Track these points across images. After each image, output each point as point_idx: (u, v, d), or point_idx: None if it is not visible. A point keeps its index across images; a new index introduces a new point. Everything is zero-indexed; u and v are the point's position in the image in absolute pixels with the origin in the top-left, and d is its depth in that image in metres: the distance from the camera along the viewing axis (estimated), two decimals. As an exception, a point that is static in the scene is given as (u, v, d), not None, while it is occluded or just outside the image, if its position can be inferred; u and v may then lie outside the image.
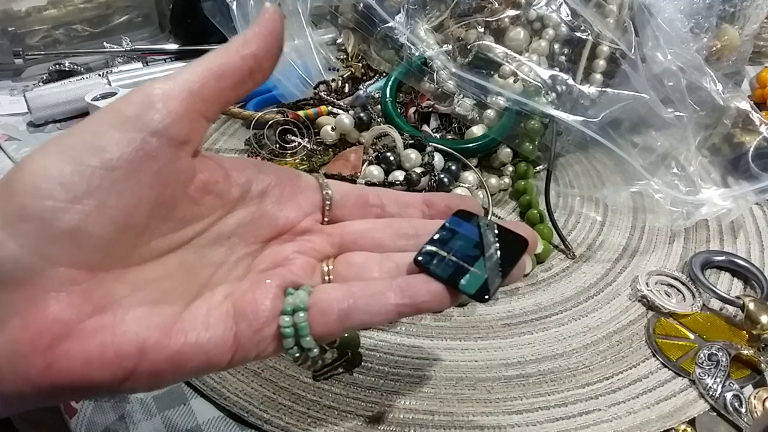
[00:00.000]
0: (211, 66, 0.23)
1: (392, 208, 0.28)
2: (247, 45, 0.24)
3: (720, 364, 0.35)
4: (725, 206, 0.45)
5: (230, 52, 0.24)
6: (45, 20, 0.70)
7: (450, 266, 0.24)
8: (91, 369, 0.20)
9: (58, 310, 0.20)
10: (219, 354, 0.22)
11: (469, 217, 0.26)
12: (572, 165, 0.54)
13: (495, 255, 0.24)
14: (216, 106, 0.24)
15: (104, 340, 0.20)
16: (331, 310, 0.23)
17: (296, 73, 0.59)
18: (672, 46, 0.47)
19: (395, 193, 0.29)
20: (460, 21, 0.53)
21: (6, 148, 0.58)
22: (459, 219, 0.26)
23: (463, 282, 0.23)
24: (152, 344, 0.21)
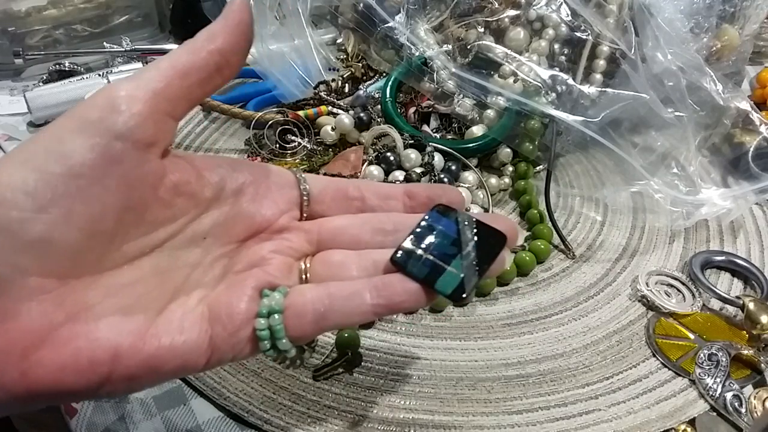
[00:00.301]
0: (175, 64, 0.23)
1: (373, 200, 0.27)
2: (212, 39, 0.23)
3: (720, 364, 0.35)
4: (725, 206, 0.45)
5: (196, 47, 0.23)
6: (45, 20, 0.70)
7: (426, 265, 0.24)
8: (65, 376, 0.20)
9: (30, 319, 0.20)
10: (194, 357, 0.22)
11: (448, 211, 0.26)
12: (572, 165, 0.54)
13: (472, 253, 0.24)
14: (183, 104, 0.23)
15: (78, 347, 0.20)
16: (307, 312, 0.23)
17: (296, 73, 0.59)
18: (672, 46, 0.47)
19: (376, 185, 0.28)
20: (460, 21, 0.53)
21: (6, 148, 0.58)
22: (438, 214, 0.26)
23: (439, 282, 0.23)
24: (126, 350, 0.21)
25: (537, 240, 0.45)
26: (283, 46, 0.60)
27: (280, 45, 0.59)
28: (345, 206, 0.28)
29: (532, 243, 0.45)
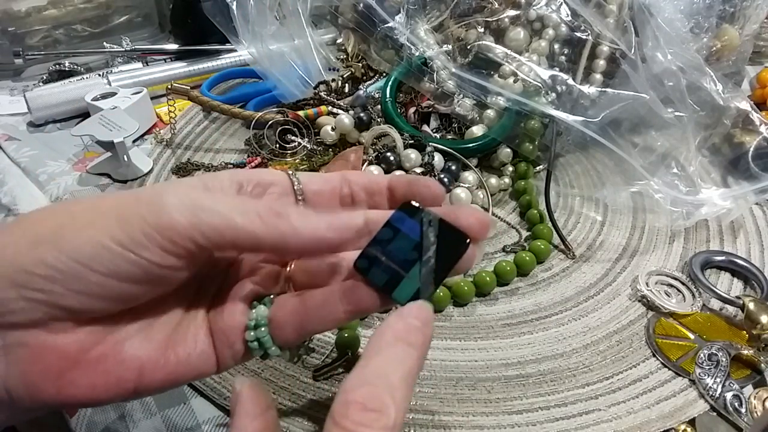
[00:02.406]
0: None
1: (361, 196, 0.28)
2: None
3: (720, 364, 0.35)
4: (725, 206, 0.45)
5: None
6: (45, 20, 0.70)
7: (386, 273, 0.24)
8: (96, 393, 0.23)
9: (64, 345, 0.22)
10: (207, 366, 0.25)
11: (414, 211, 0.25)
12: (572, 165, 0.54)
13: (431, 259, 0.24)
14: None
15: (106, 368, 0.23)
16: (288, 322, 0.25)
17: (296, 73, 0.59)
18: (672, 46, 0.47)
19: (363, 179, 0.28)
20: (460, 21, 0.53)
21: (6, 148, 0.58)
22: (403, 214, 0.25)
23: (396, 291, 0.24)
24: (149, 366, 0.24)
25: (537, 240, 0.45)
26: (283, 46, 0.60)
27: (280, 45, 0.59)
28: (337, 204, 0.28)
29: (532, 243, 0.45)
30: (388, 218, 0.25)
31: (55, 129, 0.61)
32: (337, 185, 0.28)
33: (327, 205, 0.28)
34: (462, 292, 0.41)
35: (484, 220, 0.25)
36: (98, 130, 0.52)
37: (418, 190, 0.27)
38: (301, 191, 0.27)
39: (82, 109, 0.61)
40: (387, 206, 0.28)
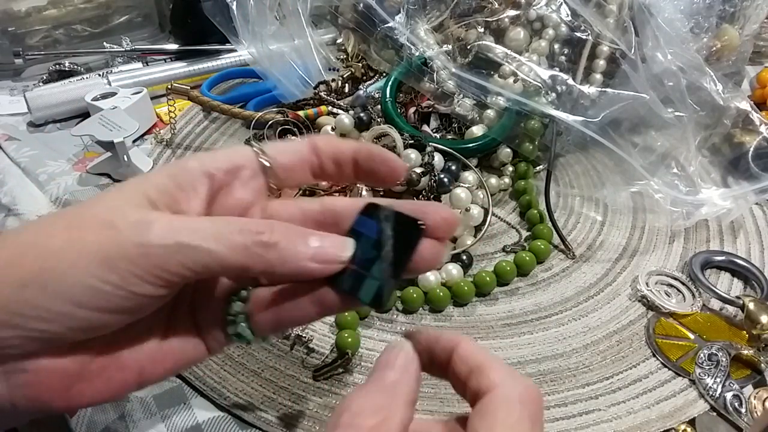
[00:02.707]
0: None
1: (330, 167, 0.27)
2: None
3: (720, 364, 0.35)
4: (725, 206, 0.45)
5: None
6: (45, 20, 0.70)
7: (351, 277, 0.24)
8: (101, 396, 0.24)
9: (65, 366, 0.23)
10: (199, 353, 0.26)
11: (374, 211, 0.25)
12: (572, 165, 0.54)
13: (390, 254, 0.24)
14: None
15: (109, 376, 0.24)
16: (266, 319, 0.25)
17: (296, 73, 0.59)
18: (672, 46, 0.47)
19: (331, 150, 0.27)
20: (460, 21, 0.53)
21: (6, 148, 0.58)
22: (364, 217, 0.25)
23: (360, 292, 0.24)
24: (149, 366, 0.25)
25: (537, 240, 0.45)
26: (283, 46, 0.60)
27: (280, 45, 0.59)
28: (309, 177, 0.28)
29: (532, 243, 0.45)
30: (351, 225, 0.25)
31: (55, 129, 0.61)
32: (307, 157, 0.27)
33: (299, 179, 0.28)
34: (462, 292, 0.41)
35: (449, 216, 0.25)
36: (98, 130, 0.52)
37: (375, 166, 0.27)
38: (271, 170, 0.26)
39: (82, 109, 0.61)
40: (353, 177, 0.28)
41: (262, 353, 0.38)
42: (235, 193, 0.26)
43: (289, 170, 0.27)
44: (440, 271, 0.42)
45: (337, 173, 0.28)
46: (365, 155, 0.27)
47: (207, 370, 0.36)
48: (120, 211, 0.22)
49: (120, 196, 0.23)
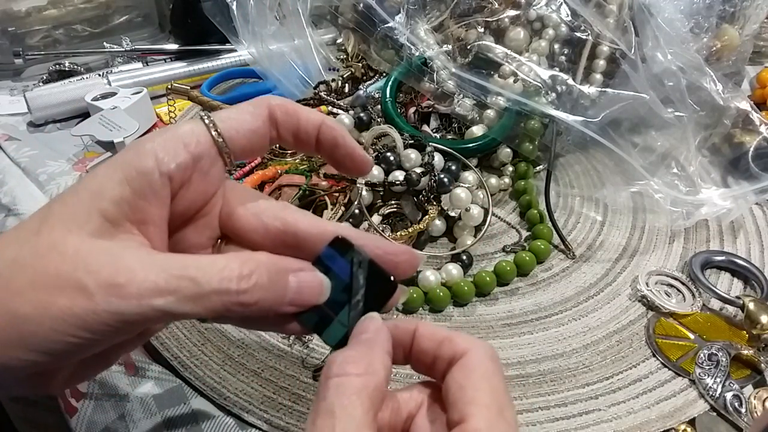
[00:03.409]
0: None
1: (288, 140, 0.26)
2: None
3: (720, 364, 0.35)
4: (725, 206, 0.45)
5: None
6: (45, 20, 0.70)
7: (316, 314, 0.24)
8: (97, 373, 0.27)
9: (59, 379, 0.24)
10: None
11: (345, 249, 0.25)
12: (572, 165, 0.54)
13: (360, 303, 0.25)
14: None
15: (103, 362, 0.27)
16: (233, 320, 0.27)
17: (296, 73, 0.59)
18: (672, 46, 0.47)
19: (292, 125, 0.26)
20: (460, 21, 0.53)
21: (6, 148, 0.58)
22: (334, 252, 0.25)
23: (325, 333, 0.25)
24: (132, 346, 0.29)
25: (537, 240, 0.45)
26: (283, 46, 0.60)
27: (280, 45, 0.59)
28: (265, 148, 0.27)
29: (532, 243, 0.45)
30: (319, 254, 0.25)
31: (55, 129, 0.61)
32: (265, 131, 0.26)
33: (256, 154, 0.27)
34: (462, 292, 0.41)
35: (413, 259, 0.26)
36: (98, 130, 0.52)
37: (338, 157, 0.27)
38: (229, 152, 0.25)
39: (82, 109, 0.61)
40: (314, 151, 0.27)
41: (262, 353, 0.38)
42: (196, 185, 0.24)
43: (246, 148, 0.25)
44: (440, 271, 0.42)
45: (297, 146, 0.27)
46: (329, 140, 0.26)
47: (207, 370, 0.36)
48: (84, 263, 0.21)
49: (74, 225, 0.22)
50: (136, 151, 0.23)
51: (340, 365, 0.22)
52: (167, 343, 0.38)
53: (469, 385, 0.22)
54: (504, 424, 0.21)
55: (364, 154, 0.27)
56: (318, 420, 0.21)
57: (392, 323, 0.25)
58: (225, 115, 0.25)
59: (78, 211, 0.22)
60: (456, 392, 0.22)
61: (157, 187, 0.23)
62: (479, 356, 0.23)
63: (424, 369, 0.25)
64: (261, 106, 0.25)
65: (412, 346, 0.25)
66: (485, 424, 0.21)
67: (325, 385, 0.21)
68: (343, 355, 0.22)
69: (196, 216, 0.26)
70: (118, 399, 0.36)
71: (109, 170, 0.23)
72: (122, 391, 0.36)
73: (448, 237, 0.47)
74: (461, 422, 0.21)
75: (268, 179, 0.48)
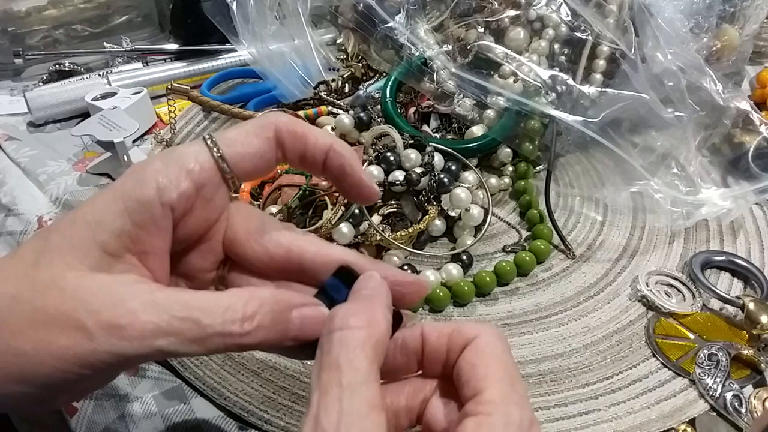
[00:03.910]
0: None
1: (295, 162, 0.26)
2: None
3: (720, 364, 0.35)
4: (725, 206, 0.45)
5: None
6: (45, 20, 0.70)
7: (312, 347, 0.23)
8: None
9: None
10: None
11: (350, 279, 0.24)
12: (572, 165, 0.54)
13: None
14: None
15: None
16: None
17: (296, 73, 0.59)
18: (672, 46, 0.47)
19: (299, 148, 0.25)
20: (460, 21, 0.53)
21: (6, 148, 0.58)
22: (338, 282, 0.24)
23: None
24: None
25: (537, 240, 0.45)
26: (283, 46, 0.60)
27: (280, 45, 0.59)
28: (271, 170, 0.26)
29: (532, 243, 0.45)
30: (323, 284, 0.25)
31: (55, 129, 0.61)
32: (271, 156, 0.25)
33: (261, 176, 0.27)
34: (462, 292, 0.41)
35: (422, 287, 0.26)
36: (98, 130, 0.52)
37: (346, 186, 0.26)
38: (233, 178, 0.24)
39: (82, 109, 0.61)
40: (320, 173, 0.26)
41: (262, 353, 0.38)
42: (199, 213, 0.24)
43: (252, 173, 0.25)
44: (440, 271, 0.42)
45: (302, 168, 0.26)
46: (336, 167, 0.26)
47: (207, 370, 0.36)
48: (84, 302, 0.21)
49: (74, 259, 0.21)
50: (136, 178, 0.23)
51: (342, 319, 0.21)
52: (167, 343, 0.38)
53: (481, 363, 0.22)
54: (516, 395, 0.21)
55: (372, 185, 0.27)
56: (323, 374, 0.20)
57: (399, 335, 0.25)
58: (230, 138, 0.24)
59: (77, 244, 0.22)
60: (468, 371, 0.22)
61: (158, 218, 0.22)
62: (488, 337, 0.23)
63: (440, 368, 0.24)
64: (268, 128, 0.25)
65: (423, 349, 0.24)
66: (499, 394, 0.21)
67: (328, 338, 0.21)
68: (345, 309, 0.22)
69: (199, 241, 0.25)
70: (118, 399, 0.36)
71: (109, 200, 0.22)
72: (122, 391, 0.36)
73: (448, 237, 0.47)
74: (474, 395, 0.21)
75: (268, 179, 0.48)
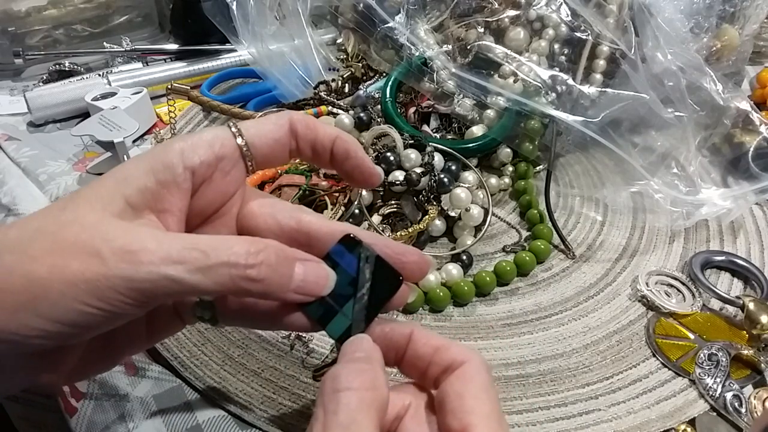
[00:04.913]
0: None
1: (306, 152, 0.28)
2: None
3: (720, 364, 0.35)
4: (725, 206, 0.45)
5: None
6: (45, 20, 0.70)
7: (322, 306, 0.25)
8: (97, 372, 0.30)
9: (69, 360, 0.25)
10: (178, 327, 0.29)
11: (353, 246, 0.26)
12: (572, 165, 0.54)
13: (365, 297, 0.25)
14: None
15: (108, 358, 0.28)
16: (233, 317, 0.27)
17: (296, 73, 0.59)
18: (672, 46, 0.47)
19: (311, 137, 0.27)
20: (460, 21, 0.53)
21: (6, 148, 0.58)
22: (343, 248, 0.26)
23: (329, 325, 0.25)
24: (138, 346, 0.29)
25: (537, 240, 0.45)
26: (283, 46, 0.60)
27: (280, 45, 0.59)
28: (285, 158, 0.28)
29: (532, 243, 0.45)
30: (328, 251, 0.26)
31: (55, 129, 0.61)
32: (286, 141, 0.27)
33: (277, 162, 0.28)
34: (462, 292, 0.41)
35: (426, 265, 0.27)
36: (98, 130, 0.52)
37: (349, 168, 0.28)
38: (251, 157, 0.26)
39: (82, 109, 0.61)
40: (329, 165, 0.28)
41: (262, 353, 0.38)
42: (217, 184, 0.26)
43: (268, 156, 0.27)
44: (440, 271, 0.42)
45: (314, 158, 0.28)
46: (342, 153, 0.28)
47: (207, 370, 0.36)
48: (102, 232, 0.22)
49: (99, 205, 0.23)
50: (164, 147, 0.25)
51: (347, 379, 0.22)
52: (167, 343, 0.38)
53: (469, 394, 0.23)
54: None
55: (374, 166, 0.29)
56: None
57: (389, 325, 0.25)
58: (249, 124, 0.27)
59: (104, 194, 0.23)
60: (454, 400, 0.23)
61: (180, 179, 0.24)
62: (476, 367, 0.24)
63: (416, 374, 0.25)
64: (283, 118, 0.27)
65: (407, 349, 0.25)
66: None
67: (334, 398, 0.21)
68: (347, 370, 0.23)
69: (214, 215, 0.27)
70: (118, 399, 0.36)
71: (138, 161, 0.24)
72: (122, 391, 0.36)
73: (448, 237, 0.47)
74: (462, 431, 0.22)
75: (268, 179, 0.48)
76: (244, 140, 0.26)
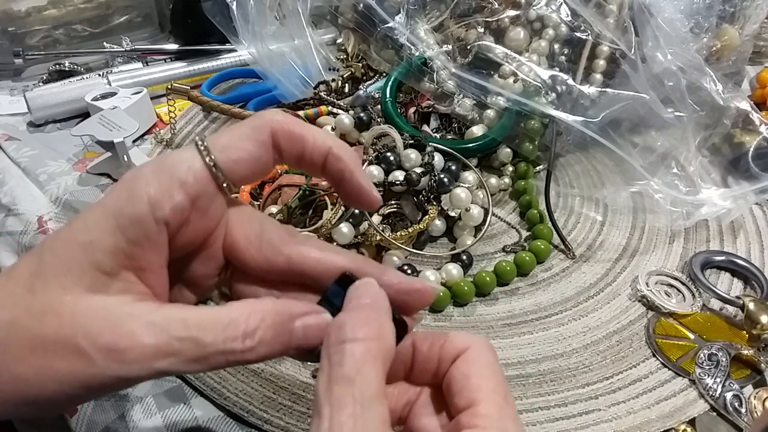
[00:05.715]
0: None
1: (291, 163, 0.25)
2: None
3: (720, 364, 0.35)
4: (725, 206, 0.45)
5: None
6: (45, 20, 0.70)
7: (314, 356, 0.23)
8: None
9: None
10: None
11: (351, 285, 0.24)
12: (572, 165, 0.54)
13: None
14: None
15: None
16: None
17: (296, 73, 0.59)
18: (672, 46, 0.47)
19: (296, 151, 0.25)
20: (460, 21, 0.53)
21: (6, 148, 0.58)
22: (341, 290, 0.24)
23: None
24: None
25: (537, 240, 0.45)
26: (283, 46, 0.60)
27: (280, 45, 0.59)
28: (267, 172, 0.25)
29: (532, 243, 0.45)
30: (325, 293, 0.24)
31: (55, 129, 0.61)
32: (268, 159, 0.24)
33: (258, 179, 0.26)
34: (462, 292, 0.41)
35: (427, 296, 0.25)
36: (98, 130, 0.52)
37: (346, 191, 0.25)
38: (229, 185, 0.24)
39: (82, 109, 0.61)
40: (319, 174, 0.26)
41: (262, 353, 0.38)
42: (196, 224, 0.23)
43: (247, 178, 0.24)
44: (440, 271, 0.42)
45: (300, 169, 0.26)
46: (335, 172, 0.25)
47: (207, 370, 0.36)
48: (82, 325, 0.21)
49: (68, 280, 0.21)
50: (128, 193, 0.22)
51: (352, 329, 0.21)
52: (167, 343, 0.38)
53: (474, 373, 0.23)
54: (510, 409, 0.22)
55: (371, 191, 0.25)
56: (335, 387, 0.20)
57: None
58: (223, 144, 0.23)
59: (71, 267, 0.21)
60: (461, 381, 0.22)
61: (152, 234, 0.22)
62: (480, 349, 0.23)
63: (429, 377, 0.24)
64: (263, 130, 0.24)
65: (414, 357, 0.24)
66: (495, 407, 0.21)
67: (339, 350, 0.21)
68: (352, 319, 0.22)
69: (198, 249, 0.25)
70: (118, 399, 0.36)
71: (101, 217, 0.22)
72: (122, 391, 0.36)
73: (448, 237, 0.47)
74: (469, 407, 0.22)
75: (268, 179, 0.48)
76: (219, 169, 0.23)
